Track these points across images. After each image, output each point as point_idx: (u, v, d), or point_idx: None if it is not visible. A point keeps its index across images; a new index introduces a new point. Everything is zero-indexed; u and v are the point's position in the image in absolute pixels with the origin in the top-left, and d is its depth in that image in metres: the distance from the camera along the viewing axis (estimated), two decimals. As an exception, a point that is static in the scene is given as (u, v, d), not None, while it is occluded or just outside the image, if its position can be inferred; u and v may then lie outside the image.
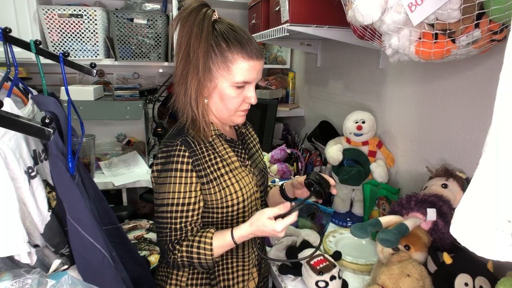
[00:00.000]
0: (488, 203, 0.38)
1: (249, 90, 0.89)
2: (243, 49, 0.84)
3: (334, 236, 1.30)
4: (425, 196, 1.02)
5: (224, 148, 0.94)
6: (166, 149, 0.87)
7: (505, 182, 0.36)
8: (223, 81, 0.86)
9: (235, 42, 0.83)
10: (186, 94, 0.86)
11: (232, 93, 0.87)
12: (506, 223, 0.36)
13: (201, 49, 0.81)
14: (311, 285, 0.98)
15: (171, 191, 0.85)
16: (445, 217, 0.98)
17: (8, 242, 0.67)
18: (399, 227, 0.93)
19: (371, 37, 0.99)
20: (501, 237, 0.36)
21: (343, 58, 1.81)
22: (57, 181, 0.77)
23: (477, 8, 0.71)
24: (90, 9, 1.93)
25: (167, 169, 0.85)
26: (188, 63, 0.83)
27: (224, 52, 0.83)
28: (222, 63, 0.84)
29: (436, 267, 0.87)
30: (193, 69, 0.83)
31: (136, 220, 1.75)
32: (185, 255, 0.86)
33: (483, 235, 0.38)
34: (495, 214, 0.37)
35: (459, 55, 0.85)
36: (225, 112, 0.91)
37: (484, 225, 0.38)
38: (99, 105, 1.95)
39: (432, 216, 0.98)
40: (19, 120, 0.57)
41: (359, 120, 1.40)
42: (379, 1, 0.80)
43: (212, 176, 0.89)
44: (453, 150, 1.15)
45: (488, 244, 0.38)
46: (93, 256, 0.83)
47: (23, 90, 0.93)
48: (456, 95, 1.12)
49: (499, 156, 0.37)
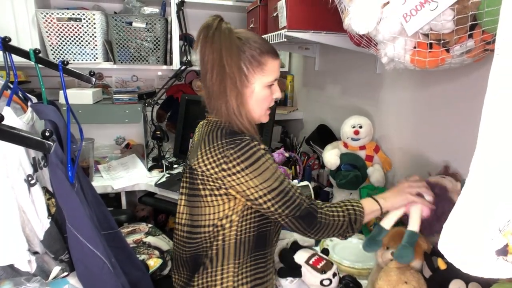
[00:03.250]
0: (474, 221, 0.39)
1: (274, 87, 0.99)
2: (269, 50, 0.94)
3: (331, 240, 1.31)
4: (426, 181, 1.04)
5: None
6: (240, 146, 0.87)
7: (490, 202, 0.37)
8: (259, 84, 0.93)
9: (262, 46, 0.93)
10: (228, 107, 0.90)
11: (266, 93, 0.96)
12: (490, 241, 0.37)
13: (235, 62, 0.88)
14: (316, 284, 1.00)
15: (275, 171, 0.88)
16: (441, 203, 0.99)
17: (8, 251, 0.68)
18: (411, 238, 0.94)
19: (367, 45, 1.00)
20: (485, 254, 0.38)
21: (341, 62, 1.82)
22: (57, 190, 0.78)
23: (470, 19, 0.72)
24: (88, 12, 1.94)
25: (257, 158, 0.87)
26: (225, 77, 0.88)
27: (257, 56, 0.91)
28: (257, 67, 0.92)
29: (431, 273, 0.88)
30: (231, 82, 0.89)
31: (135, 224, 1.75)
32: (340, 210, 0.92)
33: (469, 252, 0.39)
34: (480, 232, 0.38)
35: (454, 64, 0.86)
36: (259, 112, 0.98)
37: (469, 242, 0.39)
38: (98, 108, 1.96)
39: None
40: (19, 133, 0.58)
41: (356, 125, 1.41)
42: (375, 11, 0.81)
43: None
44: (448, 155, 1.16)
45: (472, 261, 0.39)
46: (93, 263, 0.83)
47: (22, 98, 0.94)
48: (452, 102, 1.13)
49: (483, 177, 0.38)
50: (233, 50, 0.88)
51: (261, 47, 0.92)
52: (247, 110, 0.95)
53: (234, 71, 0.88)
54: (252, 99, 0.95)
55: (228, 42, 0.88)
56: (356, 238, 1.33)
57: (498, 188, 0.38)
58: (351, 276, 1.06)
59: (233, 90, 0.89)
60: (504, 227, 0.37)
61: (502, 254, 0.38)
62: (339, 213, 0.92)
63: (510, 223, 0.37)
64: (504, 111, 0.39)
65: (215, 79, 0.89)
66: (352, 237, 1.34)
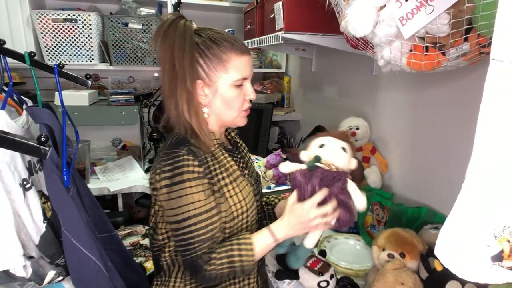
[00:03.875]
0: (470, 227, 0.40)
1: (246, 87, 0.91)
2: (234, 46, 0.87)
3: (329, 242, 1.31)
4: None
5: (225, 158, 0.93)
6: (171, 161, 0.82)
7: (486, 208, 0.38)
8: (223, 83, 0.87)
9: (225, 42, 0.86)
10: (178, 107, 0.86)
11: (233, 93, 0.88)
12: (486, 247, 0.38)
13: (187, 60, 0.82)
14: (313, 286, 1.01)
15: (191, 202, 0.81)
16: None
17: (3, 257, 0.67)
18: (303, 253, 0.95)
19: (364, 47, 1.00)
20: (480, 260, 0.38)
21: (337, 63, 1.82)
22: (52, 195, 0.77)
23: (465, 23, 0.72)
24: (84, 13, 1.93)
25: (178, 181, 0.80)
26: (175, 75, 0.83)
27: (217, 53, 0.85)
28: (218, 64, 0.86)
29: (427, 274, 0.89)
30: (181, 81, 0.83)
31: (131, 226, 1.75)
32: (225, 262, 0.82)
33: (464, 258, 0.39)
34: (475, 238, 0.39)
35: (449, 66, 0.87)
36: (230, 115, 0.92)
37: (465, 248, 0.39)
38: (94, 110, 1.95)
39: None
40: (14, 139, 0.58)
41: (353, 126, 1.41)
42: (371, 15, 0.81)
43: (216, 187, 0.87)
44: (445, 156, 1.17)
45: (468, 267, 0.39)
46: (87, 268, 0.83)
47: (17, 100, 0.93)
48: (448, 103, 1.14)
49: (479, 183, 0.38)
50: (186, 47, 0.82)
51: (223, 43, 0.86)
52: (212, 112, 0.91)
53: (184, 70, 0.82)
54: (217, 99, 0.89)
55: (182, 39, 0.82)
56: (353, 239, 1.34)
57: (493, 194, 0.38)
58: (349, 278, 1.06)
59: (183, 89, 0.84)
60: (499, 233, 0.37)
61: (497, 260, 0.38)
62: (226, 264, 0.83)
63: (505, 229, 0.37)
64: (500, 117, 0.39)
65: (165, 78, 0.85)
66: (350, 238, 1.35)
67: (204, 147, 0.87)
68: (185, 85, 0.83)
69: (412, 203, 1.29)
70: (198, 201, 0.81)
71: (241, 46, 0.89)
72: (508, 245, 0.37)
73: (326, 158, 0.86)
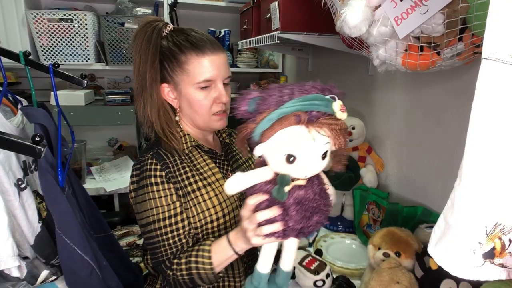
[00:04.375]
0: (462, 225, 0.40)
1: (215, 89, 0.87)
2: (194, 46, 0.85)
3: (325, 241, 1.31)
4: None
5: (204, 160, 0.91)
6: (138, 165, 0.85)
7: (478, 206, 0.38)
8: (186, 86, 0.86)
9: (185, 43, 0.85)
10: (145, 109, 0.87)
11: (198, 95, 0.86)
12: (477, 244, 0.38)
13: (148, 63, 0.84)
14: (309, 285, 1.01)
15: (153, 207, 0.81)
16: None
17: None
18: (284, 278, 0.78)
19: (360, 47, 1.01)
20: (472, 258, 0.38)
21: (333, 63, 1.83)
22: (46, 195, 0.77)
23: (459, 23, 0.73)
24: (80, 13, 1.92)
25: (142, 185, 0.82)
26: (141, 78, 0.85)
27: (177, 56, 0.85)
28: (179, 67, 0.85)
29: (422, 273, 0.89)
30: (143, 84, 0.85)
31: (128, 226, 1.75)
32: (184, 268, 0.79)
33: (457, 256, 0.40)
34: (467, 236, 0.39)
35: (444, 66, 0.87)
36: (199, 119, 0.89)
37: (457, 245, 0.40)
38: (90, 110, 1.94)
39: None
40: (9, 139, 0.58)
41: (349, 126, 1.42)
42: (366, 15, 0.81)
43: (186, 190, 0.85)
44: (440, 156, 1.17)
45: (460, 265, 0.40)
46: (81, 268, 0.82)
47: (12, 100, 0.93)
48: (443, 103, 1.15)
49: (471, 182, 0.39)
50: (149, 52, 0.83)
51: (185, 45, 0.84)
52: (183, 115, 0.91)
53: (147, 73, 0.84)
54: (184, 102, 0.87)
55: (147, 42, 0.83)
56: (349, 239, 1.34)
57: (485, 192, 0.39)
58: (344, 277, 1.07)
59: (146, 91, 0.85)
60: (491, 231, 0.38)
61: (489, 258, 0.39)
62: (185, 271, 0.79)
63: (497, 226, 0.38)
64: (491, 115, 0.40)
65: (135, 80, 0.86)
66: (346, 237, 1.35)
67: (171, 149, 0.86)
68: (146, 87, 0.85)
69: (408, 202, 1.30)
70: (161, 206, 0.81)
71: (204, 45, 0.85)
72: (499, 242, 0.38)
73: (297, 175, 0.62)
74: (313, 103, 0.56)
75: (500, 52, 0.35)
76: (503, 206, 0.38)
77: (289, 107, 0.56)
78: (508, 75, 0.35)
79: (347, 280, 1.05)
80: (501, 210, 0.38)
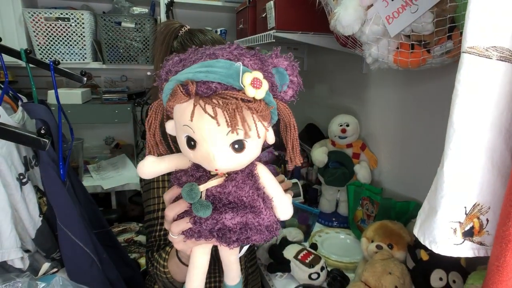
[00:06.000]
0: (444, 206, 0.43)
1: None
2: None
3: (320, 236, 1.34)
4: None
5: None
6: None
7: (458, 188, 0.41)
8: None
9: (189, 43, 0.88)
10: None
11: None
12: (458, 224, 0.41)
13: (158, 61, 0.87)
14: (304, 278, 1.03)
15: (155, 197, 0.83)
16: None
17: (2, 248, 0.69)
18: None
19: (353, 46, 1.03)
20: (453, 236, 0.41)
21: (328, 62, 1.85)
22: (48, 188, 0.79)
23: (448, 22, 0.76)
24: (77, 12, 1.93)
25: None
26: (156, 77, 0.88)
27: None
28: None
29: (414, 264, 0.92)
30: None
31: (125, 223, 1.76)
32: (154, 265, 0.76)
33: (439, 235, 0.42)
34: (448, 216, 0.42)
35: (434, 63, 0.90)
36: None
37: (440, 226, 0.43)
38: (87, 108, 1.96)
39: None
40: (15, 131, 0.59)
41: (343, 123, 1.45)
42: (359, 14, 0.84)
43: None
44: (432, 152, 1.20)
45: (442, 243, 0.42)
46: (82, 260, 0.84)
47: (12, 97, 0.94)
48: (434, 100, 1.18)
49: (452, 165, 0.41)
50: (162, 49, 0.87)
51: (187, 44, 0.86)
52: None
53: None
54: None
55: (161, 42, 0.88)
56: (344, 234, 1.37)
57: (464, 175, 0.42)
58: (339, 270, 1.09)
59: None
60: (470, 211, 0.41)
61: (468, 236, 0.41)
62: (154, 270, 0.77)
63: (475, 207, 0.40)
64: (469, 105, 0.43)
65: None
66: (340, 232, 1.38)
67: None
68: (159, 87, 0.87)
69: (401, 197, 1.32)
70: (158, 197, 0.83)
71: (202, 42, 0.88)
72: (478, 222, 0.41)
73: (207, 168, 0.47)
74: (211, 70, 0.42)
75: (477, 47, 0.37)
76: (481, 188, 0.41)
77: (184, 73, 0.43)
78: (483, 67, 0.38)
79: (341, 273, 1.08)
80: (479, 192, 0.41)
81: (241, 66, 0.42)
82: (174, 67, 0.46)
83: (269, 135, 0.47)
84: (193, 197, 0.45)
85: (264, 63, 0.45)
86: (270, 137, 0.47)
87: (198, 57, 0.44)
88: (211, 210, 0.45)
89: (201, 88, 0.41)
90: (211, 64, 0.42)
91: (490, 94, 0.41)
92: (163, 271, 0.72)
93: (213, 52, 0.44)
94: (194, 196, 0.45)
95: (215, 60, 0.43)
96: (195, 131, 0.43)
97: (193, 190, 0.45)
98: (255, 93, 0.41)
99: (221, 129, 0.41)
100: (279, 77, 0.45)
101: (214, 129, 0.42)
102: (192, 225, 0.48)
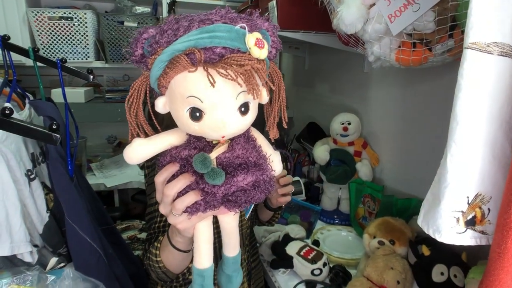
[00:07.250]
0: (447, 196, 0.44)
1: None
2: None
3: (322, 233, 1.36)
4: None
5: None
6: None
7: (461, 178, 0.42)
8: None
9: None
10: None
11: None
12: (460, 213, 0.42)
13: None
14: (306, 274, 1.04)
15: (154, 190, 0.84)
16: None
17: (13, 241, 0.70)
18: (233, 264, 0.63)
19: (355, 44, 1.05)
20: (456, 225, 0.42)
21: (330, 61, 1.87)
22: (56, 184, 0.80)
23: (449, 20, 0.77)
24: (80, 11, 1.94)
25: (154, 167, 0.85)
26: None
27: None
28: None
29: (415, 259, 0.93)
30: None
31: (128, 221, 1.78)
32: (148, 257, 0.75)
33: (442, 224, 0.44)
34: (451, 206, 0.43)
35: (436, 62, 0.92)
36: None
37: (443, 215, 0.44)
38: (90, 107, 1.97)
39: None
40: (28, 126, 0.61)
41: (345, 121, 1.46)
42: (362, 12, 0.86)
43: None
44: (433, 149, 1.21)
45: (445, 232, 0.44)
46: (89, 255, 0.86)
47: (20, 94, 0.96)
48: (436, 98, 1.19)
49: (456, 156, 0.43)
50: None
51: None
52: None
53: None
54: None
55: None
56: (345, 231, 1.39)
57: (467, 165, 0.43)
58: (341, 266, 1.10)
59: None
60: (472, 201, 0.42)
61: (470, 225, 0.43)
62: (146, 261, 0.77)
63: (477, 197, 0.42)
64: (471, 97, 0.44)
65: None
66: (342, 229, 1.39)
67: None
68: None
69: (402, 195, 1.34)
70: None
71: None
72: (480, 211, 0.42)
73: (211, 137, 0.48)
74: (215, 36, 0.41)
75: (479, 42, 0.39)
76: (482, 179, 0.42)
77: (182, 42, 0.42)
78: (484, 62, 0.39)
79: (343, 268, 1.09)
80: (481, 183, 0.42)
81: (246, 28, 0.42)
82: (163, 38, 0.43)
83: (263, 95, 0.48)
84: (208, 165, 0.45)
85: (256, 25, 0.46)
86: (264, 95, 0.49)
87: (189, 24, 0.43)
88: (225, 175, 0.46)
89: (206, 54, 0.41)
90: (212, 29, 0.42)
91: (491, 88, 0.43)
92: (155, 260, 0.71)
93: (207, 17, 0.43)
94: (209, 165, 0.45)
95: (215, 25, 0.43)
96: (205, 100, 0.42)
97: (206, 158, 0.45)
98: (259, 53, 0.42)
99: (232, 93, 0.42)
100: (265, 38, 0.45)
101: (225, 95, 0.42)
102: (204, 195, 0.47)
